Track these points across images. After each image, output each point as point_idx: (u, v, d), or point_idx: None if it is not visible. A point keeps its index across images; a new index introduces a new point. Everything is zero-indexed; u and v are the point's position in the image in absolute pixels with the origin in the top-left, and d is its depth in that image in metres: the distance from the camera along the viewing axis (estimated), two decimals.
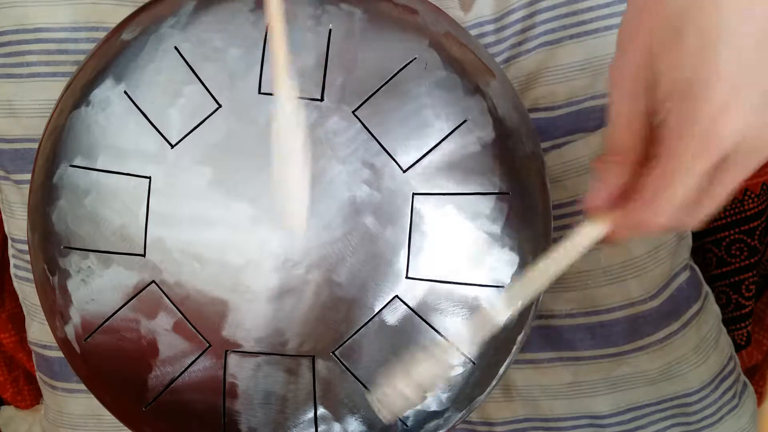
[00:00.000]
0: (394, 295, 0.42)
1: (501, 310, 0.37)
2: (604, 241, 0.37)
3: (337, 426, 0.43)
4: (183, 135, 0.41)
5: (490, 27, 0.53)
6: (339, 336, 0.42)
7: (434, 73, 0.42)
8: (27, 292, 0.58)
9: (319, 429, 0.43)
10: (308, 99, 0.41)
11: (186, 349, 0.42)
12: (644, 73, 0.33)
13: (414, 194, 0.41)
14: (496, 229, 0.42)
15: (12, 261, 0.59)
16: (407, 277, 0.42)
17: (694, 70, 0.31)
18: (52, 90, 0.53)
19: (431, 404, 0.43)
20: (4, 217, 0.58)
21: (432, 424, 0.44)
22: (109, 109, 0.42)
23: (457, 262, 0.42)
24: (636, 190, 0.34)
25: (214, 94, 0.41)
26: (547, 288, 0.38)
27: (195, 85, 0.41)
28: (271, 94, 0.41)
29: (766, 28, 0.31)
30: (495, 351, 0.44)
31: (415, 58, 0.42)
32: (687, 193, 0.33)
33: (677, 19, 0.32)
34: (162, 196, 0.41)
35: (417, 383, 0.36)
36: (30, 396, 0.68)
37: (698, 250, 0.64)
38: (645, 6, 0.33)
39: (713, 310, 0.59)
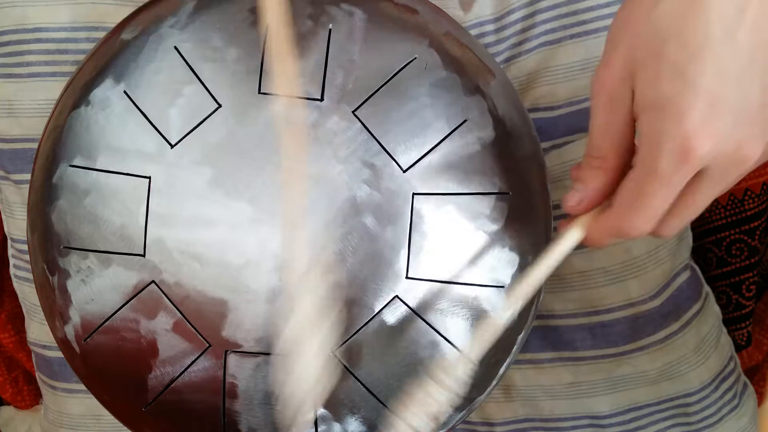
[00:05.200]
0: (394, 295, 0.42)
1: (500, 316, 0.38)
2: (585, 243, 0.37)
3: (337, 426, 0.43)
4: (183, 135, 0.41)
5: (490, 27, 0.53)
6: (339, 336, 0.42)
7: (434, 73, 0.42)
8: (27, 292, 0.58)
9: (319, 429, 0.43)
10: (308, 99, 0.41)
11: (186, 349, 0.42)
12: (625, 82, 0.33)
13: (414, 194, 0.41)
14: (496, 229, 0.42)
15: (12, 261, 0.59)
16: (407, 277, 0.42)
17: (672, 86, 0.31)
18: (52, 90, 0.53)
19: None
20: (3, 217, 0.58)
21: None
22: (109, 108, 0.42)
23: (457, 262, 0.42)
24: (615, 196, 0.35)
25: (214, 94, 0.41)
26: (534, 292, 0.38)
27: (195, 85, 0.41)
28: (271, 94, 0.41)
29: (752, 43, 0.31)
30: (495, 351, 0.44)
31: (415, 58, 0.42)
32: (663, 203, 0.33)
33: (662, 30, 0.31)
34: (162, 196, 0.41)
35: (429, 415, 0.37)
36: (30, 396, 0.68)
37: (698, 250, 0.64)
38: (631, 16, 0.33)
39: (713, 310, 0.59)
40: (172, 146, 0.41)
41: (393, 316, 0.42)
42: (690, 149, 0.31)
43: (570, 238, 0.37)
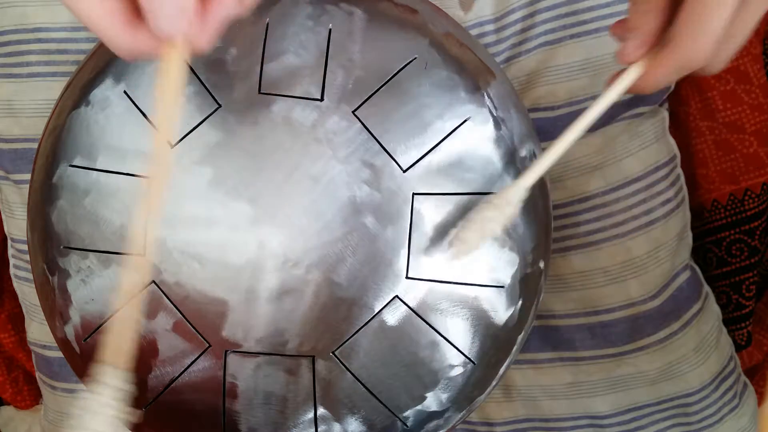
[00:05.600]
0: (394, 295, 0.42)
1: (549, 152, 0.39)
2: (638, 87, 0.37)
3: (337, 426, 0.43)
4: (183, 135, 0.41)
5: (490, 27, 0.53)
6: (339, 336, 0.42)
7: (434, 73, 0.42)
8: (27, 292, 0.58)
9: (319, 429, 0.43)
10: (308, 99, 0.41)
11: (186, 349, 0.42)
12: None
13: (414, 194, 0.41)
14: None
15: (12, 261, 0.59)
16: (407, 277, 0.42)
17: None
18: (52, 90, 0.53)
19: (431, 404, 0.43)
20: (3, 217, 0.58)
21: (432, 424, 0.44)
22: (109, 109, 0.42)
23: (457, 262, 0.42)
24: (673, 29, 0.34)
25: (214, 94, 0.41)
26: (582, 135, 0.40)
27: (195, 85, 0.41)
28: (271, 94, 0.41)
29: None
30: (495, 351, 0.44)
31: (415, 58, 0.42)
32: (722, 24, 0.33)
33: None
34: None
35: (484, 235, 0.39)
36: (30, 396, 0.68)
37: (698, 250, 0.64)
38: None
39: (713, 310, 0.59)
40: (172, 146, 0.41)
41: (393, 316, 0.42)
42: None
43: (629, 75, 0.37)
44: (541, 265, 0.44)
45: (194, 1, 0.30)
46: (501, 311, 0.43)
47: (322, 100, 0.41)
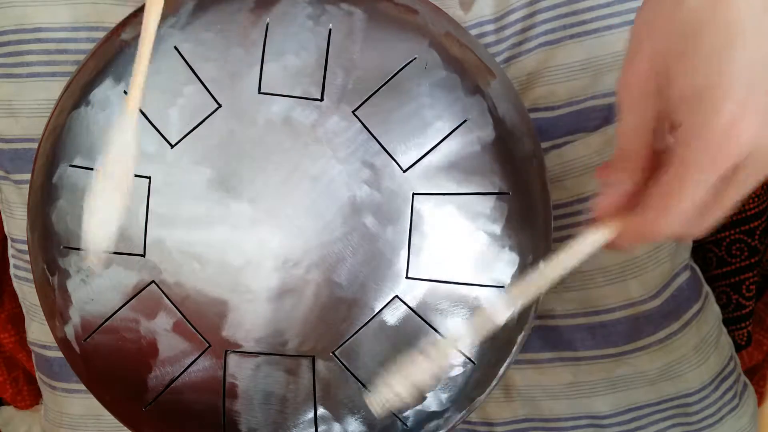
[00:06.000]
0: (394, 295, 0.42)
1: (501, 310, 0.37)
2: (609, 247, 0.37)
3: (337, 426, 0.43)
4: (183, 135, 0.41)
5: (490, 27, 0.53)
6: (339, 336, 0.42)
7: (434, 73, 0.42)
8: (27, 292, 0.58)
9: (319, 429, 0.43)
10: (308, 99, 0.41)
11: (186, 349, 0.42)
12: (655, 78, 0.33)
13: (414, 194, 0.41)
14: (496, 229, 0.42)
15: (12, 261, 0.59)
16: (407, 277, 0.42)
17: (707, 76, 0.31)
18: (52, 90, 0.53)
19: (431, 404, 0.43)
20: (3, 217, 0.58)
21: (432, 424, 0.44)
22: (109, 109, 0.42)
23: (457, 262, 0.42)
24: (645, 198, 0.34)
25: (214, 94, 0.41)
26: (548, 289, 0.38)
27: (195, 85, 0.41)
28: (271, 94, 0.41)
29: None
30: (495, 351, 0.44)
31: (415, 58, 0.42)
32: (696, 202, 0.32)
33: (694, 20, 0.31)
34: (162, 196, 0.41)
35: (412, 383, 0.36)
36: (30, 396, 0.68)
37: (698, 250, 0.64)
38: (656, 14, 0.33)
39: (713, 310, 0.59)
40: (172, 146, 0.41)
41: (393, 316, 0.42)
42: (731, 137, 0.30)
43: (594, 239, 0.36)
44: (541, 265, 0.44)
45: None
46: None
47: (322, 100, 0.41)
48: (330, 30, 0.42)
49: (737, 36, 0.30)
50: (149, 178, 0.41)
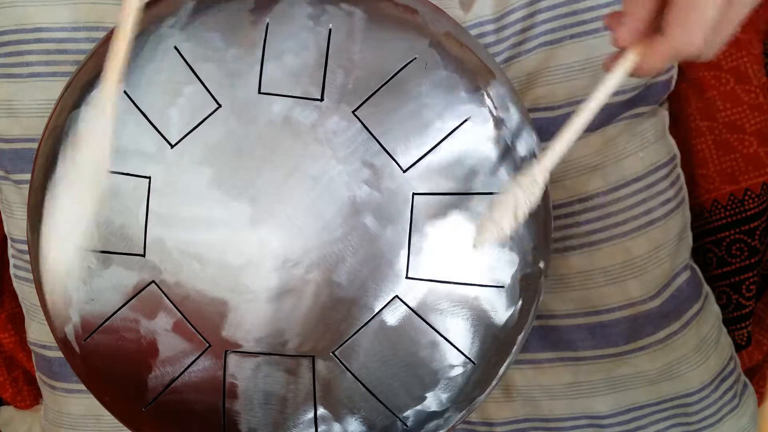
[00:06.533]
0: (394, 295, 0.42)
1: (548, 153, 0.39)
2: (636, 72, 0.37)
3: (337, 426, 0.43)
4: (183, 135, 0.41)
5: (490, 27, 0.53)
6: (339, 336, 0.42)
7: (434, 73, 0.42)
8: (27, 292, 0.58)
9: (319, 429, 0.43)
10: (308, 99, 0.41)
11: (186, 349, 0.42)
12: None
13: (414, 194, 0.41)
14: None
15: (12, 261, 0.59)
16: (407, 277, 0.42)
17: None
18: (52, 90, 0.53)
19: (431, 404, 0.43)
20: (3, 217, 0.58)
21: (432, 424, 0.44)
22: None
23: (457, 262, 0.42)
24: (665, 18, 0.34)
25: (214, 94, 0.41)
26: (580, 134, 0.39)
27: (195, 85, 0.41)
28: (271, 94, 0.41)
29: None
30: (495, 351, 0.44)
31: (415, 58, 0.42)
32: (714, 15, 0.33)
33: None
34: (162, 196, 0.41)
35: (514, 215, 0.38)
36: (30, 396, 0.68)
37: (698, 250, 0.64)
38: None
39: (713, 310, 0.59)
40: (172, 146, 0.41)
41: (393, 316, 0.42)
42: None
43: (623, 65, 0.37)
44: (541, 265, 0.44)
45: None
46: (501, 311, 0.43)
47: (322, 100, 0.41)
48: (330, 30, 0.42)
49: None
50: (149, 178, 0.41)
